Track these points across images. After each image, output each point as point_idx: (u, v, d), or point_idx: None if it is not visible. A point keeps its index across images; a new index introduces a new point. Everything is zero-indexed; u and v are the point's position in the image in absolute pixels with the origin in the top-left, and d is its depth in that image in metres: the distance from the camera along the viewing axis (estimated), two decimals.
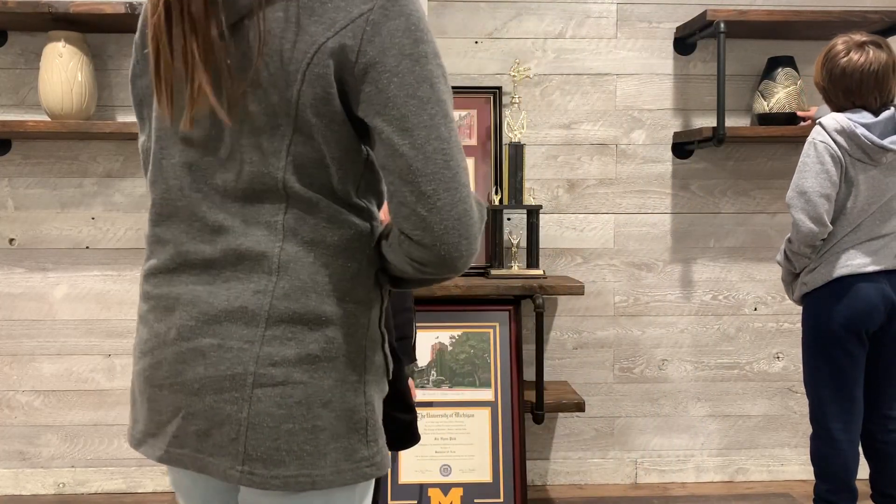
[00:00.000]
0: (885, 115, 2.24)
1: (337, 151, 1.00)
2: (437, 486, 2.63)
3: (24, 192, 2.90)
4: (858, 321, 2.26)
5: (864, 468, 2.42)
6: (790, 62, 2.86)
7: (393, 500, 2.60)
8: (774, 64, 2.86)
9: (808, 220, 2.23)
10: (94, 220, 2.92)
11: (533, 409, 2.67)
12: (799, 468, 3.08)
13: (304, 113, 0.97)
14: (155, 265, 1.07)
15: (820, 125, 2.26)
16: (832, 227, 2.26)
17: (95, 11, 2.60)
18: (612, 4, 2.98)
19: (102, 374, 2.95)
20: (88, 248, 2.92)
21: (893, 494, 2.36)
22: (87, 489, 2.96)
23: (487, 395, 2.70)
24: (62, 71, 2.66)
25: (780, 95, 2.83)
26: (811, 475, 2.47)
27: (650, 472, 3.08)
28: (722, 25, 2.68)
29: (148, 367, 1.05)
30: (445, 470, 2.64)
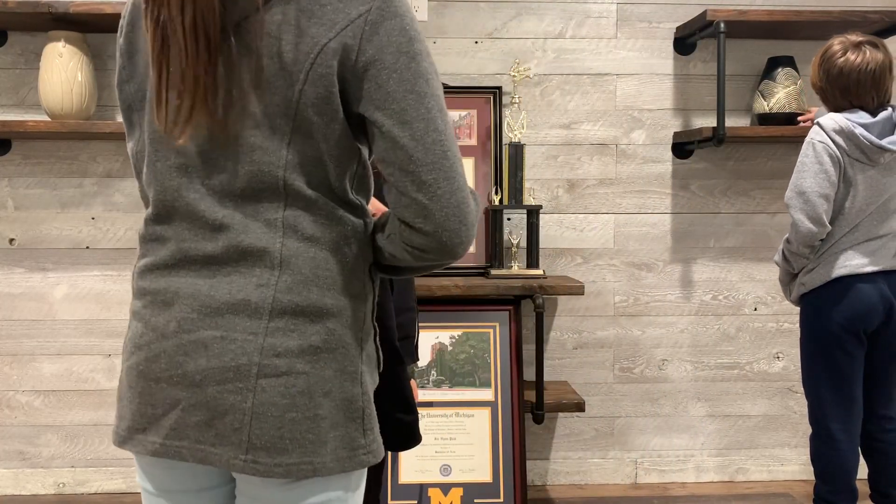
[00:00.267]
0: (882, 115, 2.24)
1: (335, 149, 1.03)
2: (437, 486, 2.63)
3: (24, 192, 2.90)
4: (857, 321, 2.27)
5: (864, 468, 2.42)
6: (790, 62, 2.86)
7: (393, 500, 2.60)
8: (774, 64, 2.86)
9: (806, 220, 2.23)
10: (94, 220, 2.92)
11: (533, 409, 2.67)
12: (799, 468, 3.08)
13: (304, 112, 1.00)
14: (152, 262, 1.08)
15: (818, 125, 2.26)
16: (830, 227, 2.26)
17: (95, 11, 2.61)
18: (612, 4, 2.98)
19: (102, 374, 2.95)
20: (88, 248, 2.92)
21: (892, 494, 2.36)
22: (87, 489, 2.96)
23: (487, 395, 2.70)
24: (62, 71, 2.66)
25: (780, 95, 2.83)
26: (811, 475, 2.47)
27: (650, 472, 3.08)
28: (722, 25, 2.68)
29: (143, 360, 1.06)
30: (445, 470, 2.64)
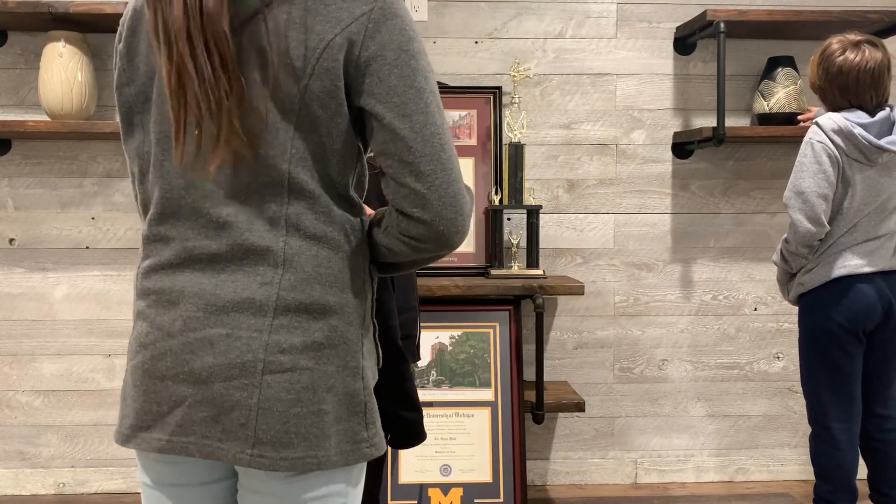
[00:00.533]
0: (881, 115, 2.24)
1: (338, 143, 1.06)
2: (437, 486, 2.63)
3: (24, 192, 2.90)
4: (857, 321, 2.27)
5: (864, 468, 2.42)
6: (790, 62, 2.86)
7: (393, 500, 2.60)
8: (774, 64, 2.86)
9: (805, 220, 2.23)
10: (94, 220, 2.92)
11: (533, 409, 2.67)
12: (799, 468, 3.08)
13: (309, 106, 1.03)
14: (156, 262, 1.10)
15: (817, 125, 2.26)
16: (829, 227, 2.26)
17: (95, 11, 2.61)
18: (612, 4, 2.98)
19: (102, 374, 2.95)
20: (88, 248, 2.92)
21: (891, 494, 2.36)
22: (87, 489, 2.96)
23: (487, 395, 2.70)
24: (62, 71, 2.66)
25: (779, 95, 2.83)
26: (811, 475, 2.47)
27: (650, 472, 3.08)
28: (722, 25, 2.68)
29: (148, 359, 1.08)
30: (445, 470, 2.64)
